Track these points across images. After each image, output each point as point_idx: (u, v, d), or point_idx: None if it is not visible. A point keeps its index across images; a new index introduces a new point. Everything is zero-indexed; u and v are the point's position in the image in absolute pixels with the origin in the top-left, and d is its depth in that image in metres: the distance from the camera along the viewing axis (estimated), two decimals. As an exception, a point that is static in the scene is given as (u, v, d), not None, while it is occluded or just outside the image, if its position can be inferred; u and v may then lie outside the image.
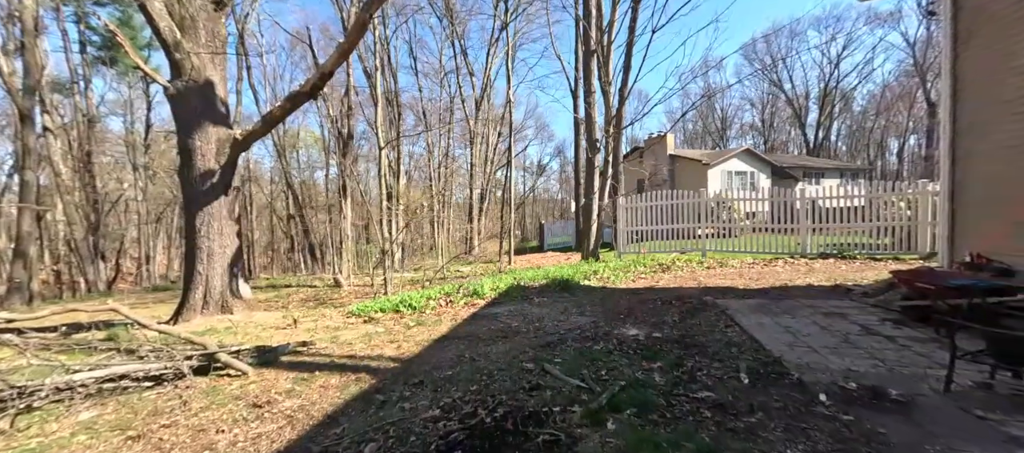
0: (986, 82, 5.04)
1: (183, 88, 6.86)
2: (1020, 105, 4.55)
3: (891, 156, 43.09)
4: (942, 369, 2.77)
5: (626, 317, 5.13)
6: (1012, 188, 4.65)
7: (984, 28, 5.07)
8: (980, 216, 5.17)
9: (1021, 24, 4.52)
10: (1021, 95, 4.53)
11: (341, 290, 11.81)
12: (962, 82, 5.34)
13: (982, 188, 5.14)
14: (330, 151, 27.59)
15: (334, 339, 5.19)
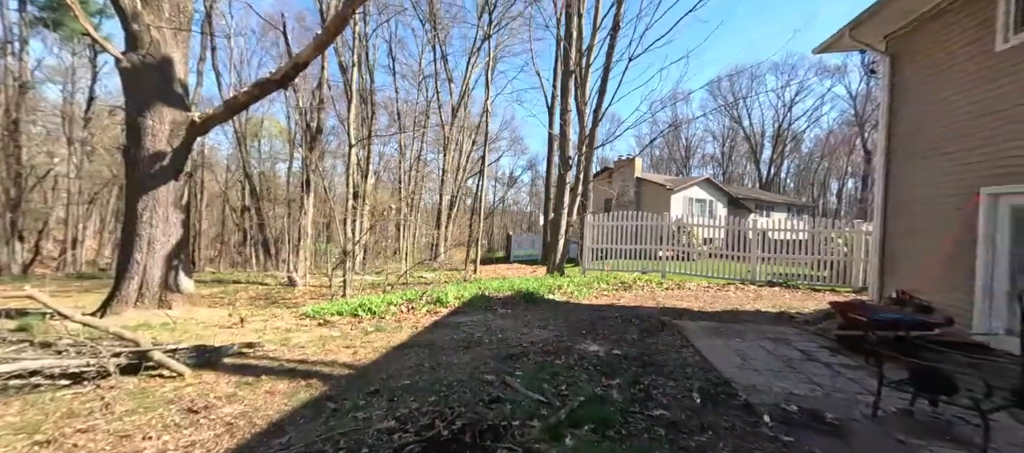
0: (911, 146, 5.64)
1: (139, 62, 6.37)
2: (928, 172, 5.12)
3: (832, 196, 47.05)
4: (871, 395, 3.00)
5: (588, 333, 5.21)
6: (928, 237, 5.20)
7: (907, 104, 5.70)
8: (904, 257, 5.73)
9: (932, 107, 5.12)
10: (929, 164, 5.10)
11: (295, 290, 11.23)
12: (895, 141, 5.95)
13: (905, 234, 5.70)
14: (296, 144, 26.44)
15: (284, 341, 4.90)
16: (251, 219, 25.00)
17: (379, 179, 30.91)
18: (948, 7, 5.06)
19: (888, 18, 5.67)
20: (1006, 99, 4.34)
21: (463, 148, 26.45)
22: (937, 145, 5.19)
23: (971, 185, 4.64)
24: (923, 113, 5.44)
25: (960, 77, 4.89)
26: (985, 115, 4.57)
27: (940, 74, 5.19)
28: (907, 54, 5.77)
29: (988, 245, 4.48)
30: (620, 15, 12.52)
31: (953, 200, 4.88)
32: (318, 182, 17.96)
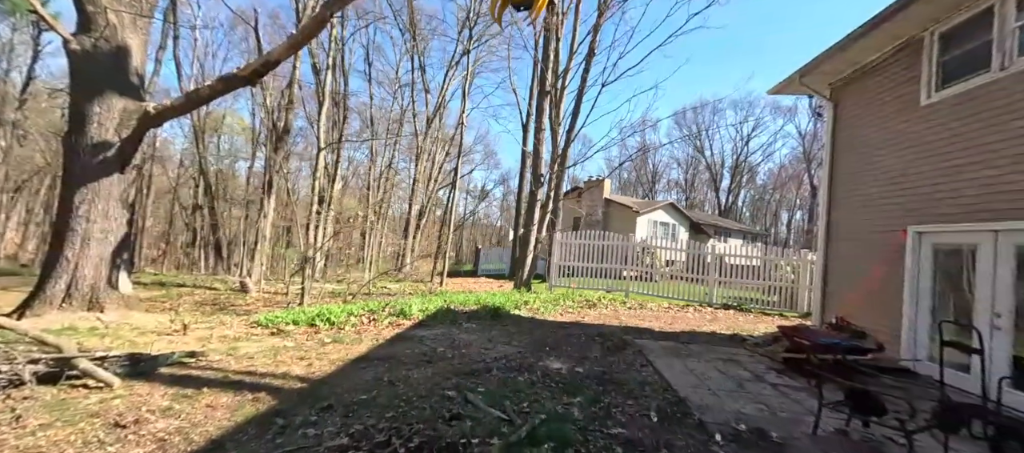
0: (849, 184, 6.17)
1: (90, 46, 5.94)
2: (864, 209, 5.63)
3: (783, 226, 50.37)
4: (812, 415, 3.19)
5: (552, 350, 5.24)
6: (864, 268, 5.67)
7: (847, 146, 6.27)
8: (843, 286, 6.19)
9: (867, 150, 5.67)
10: (864, 201, 5.62)
11: (247, 296, 10.60)
12: (836, 179, 6.48)
13: (845, 265, 6.18)
14: (259, 142, 25.32)
15: (231, 351, 4.60)
16: (203, 219, 23.49)
17: (347, 185, 30.06)
18: (882, 63, 5.65)
19: (832, 68, 6.24)
20: (928, 149, 4.87)
21: (436, 159, 26.27)
22: (870, 184, 5.71)
23: (899, 223, 5.12)
24: (860, 155, 5.98)
25: (891, 125, 5.44)
26: (911, 161, 5.08)
27: (875, 121, 5.75)
28: (848, 101, 6.36)
29: (913, 278, 4.93)
30: (595, 43, 13.04)
31: (884, 235, 5.35)
32: (281, 184, 17.21)
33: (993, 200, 4.11)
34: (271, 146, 18.60)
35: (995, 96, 4.19)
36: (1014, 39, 4.11)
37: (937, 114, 4.80)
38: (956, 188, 4.50)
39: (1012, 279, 3.95)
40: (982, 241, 4.22)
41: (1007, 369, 3.88)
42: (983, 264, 4.19)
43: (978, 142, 4.31)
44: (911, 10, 4.74)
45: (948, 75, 4.77)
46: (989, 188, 4.17)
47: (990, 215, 4.12)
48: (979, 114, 4.33)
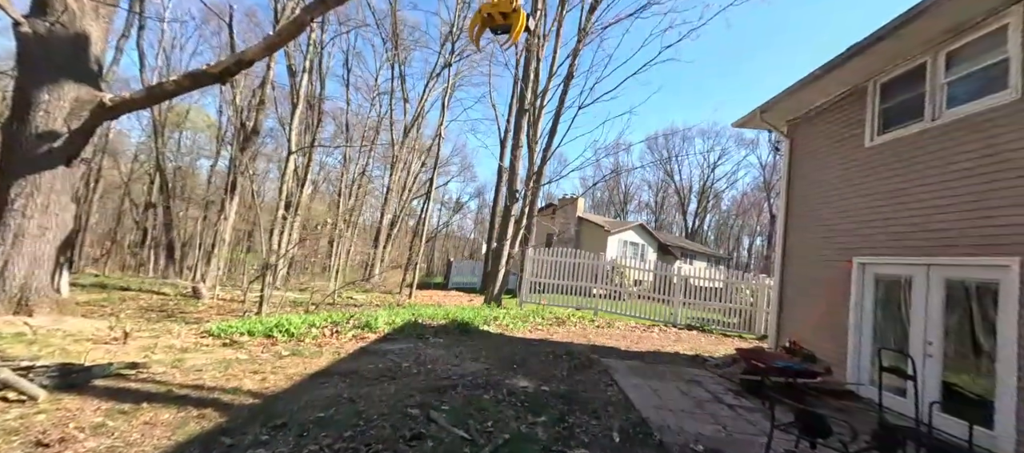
0: (803, 215, 6.60)
1: (45, 31, 5.55)
2: (815, 238, 6.04)
3: (744, 250, 52.87)
4: (765, 436, 3.31)
5: (519, 367, 5.21)
6: (814, 294, 6.03)
7: (801, 179, 6.73)
8: (797, 311, 6.54)
9: (819, 184, 6.12)
10: (816, 232, 6.03)
11: (200, 302, 9.98)
12: (791, 209, 6.91)
13: (798, 291, 6.55)
14: (225, 141, 24.23)
15: (178, 363, 4.30)
16: (156, 217, 22.08)
17: (317, 189, 29.14)
18: (833, 106, 6.13)
19: (789, 106, 6.72)
20: (871, 186, 5.29)
21: (412, 168, 25.98)
22: (821, 216, 6.13)
23: (846, 253, 5.50)
24: (813, 188, 6.42)
25: (839, 163, 5.88)
26: (856, 196, 5.50)
27: (826, 158, 6.20)
28: (803, 138, 6.84)
29: (858, 306, 5.28)
30: (574, 66, 13.47)
31: (833, 264, 5.73)
32: (246, 185, 16.49)
33: (926, 237, 4.50)
34: (238, 145, 17.83)
35: (927, 144, 4.63)
36: (943, 94, 4.57)
37: (879, 156, 5.23)
38: (894, 224, 4.89)
39: (942, 310, 4.31)
40: (916, 274, 4.59)
41: (938, 395, 4.20)
42: (917, 295, 4.55)
43: (913, 184, 4.73)
44: (855, 61, 5.20)
45: (888, 121, 5.23)
46: (922, 226, 4.56)
47: (923, 250, 4.50)
48: (914, 158, 4.76)
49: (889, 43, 4.78)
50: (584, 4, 13.51)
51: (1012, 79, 3.89)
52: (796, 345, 5.97)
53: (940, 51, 4.60)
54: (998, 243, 3.83)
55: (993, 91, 4.07)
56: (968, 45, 4.38)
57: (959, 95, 4.44)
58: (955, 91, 4.48)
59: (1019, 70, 3.84)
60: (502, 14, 2.53)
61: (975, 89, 4.29)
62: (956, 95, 4.47)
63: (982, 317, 4.02)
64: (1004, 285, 3.75)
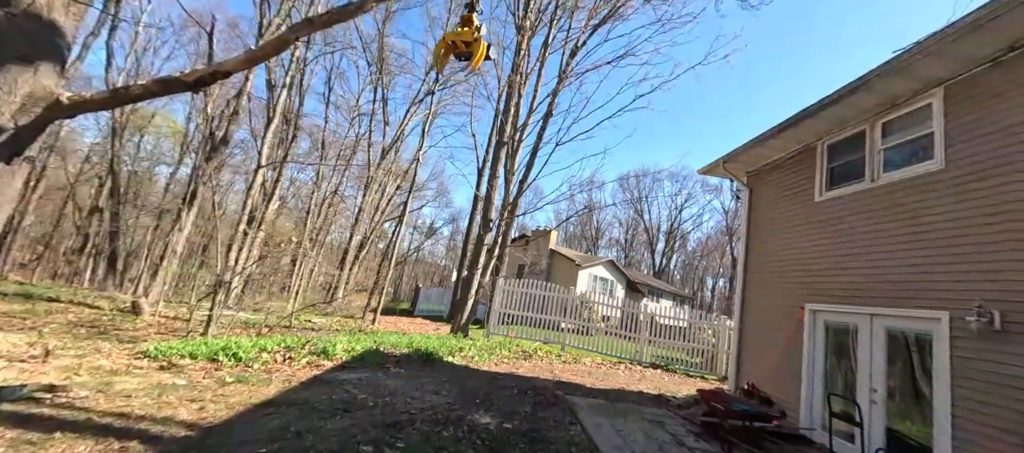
0: (760, 261, 6.95)
1: (4, 18, 5.23)
2: (771, 284, 6.36)
3: (708, 291, 54.71)
4: (722, 482, 3.31)
5: (482, 402, 5.04)
6: (770, 338, 6.26)
7: (759, 227, 7.15)
8: (755, 354, 6.75)
9: (774, 233, 6.53)
10: (772, 278, 6.36)
11: (139, 319, 9.19)
12: (750, 255, 7.26)
13: (756, 334, 6.79)
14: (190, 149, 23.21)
15: (104, 387, 3.89)
16: (101, 223, 20.51)
17: (284, 205, 28.11)
18: (787, 161, 6.62)
19: (748, 159, 7.19)
20: (820, 238, 5.67)
21: (387, 190, 25.66)
22: (777, 264, 6.47)
23: (800, 300, 5.79)
24: (769, 236, 6.80)
25: (794, 214, 6.29)
26: (807, 246, 5.87)
27: (782, 209, 6.62)
28: (761, 188, 7.30)
29: (809, 352, 5.52)
30: (554, 105, 13.98)
31: (789, 310, 6.00)
32: (207, 196, 15.69)
33: (869, 288, 4.82)
34: (203, 155, 17.10)
35: (868, 202, 5.05)
36: (881, 158, 5.05)
37: (827, 210, 5.65)
38: (841, 274, 5.22)
39: (885, 359, 4.57)
40: (861, 323, 4.88)
41: (882, 441, 4.37)
42: (862, 344, 4.82)
43: (856, 238, 5.10)
44: (805, 123, 5.69)
45: (835, 179, 5.69)
46: (865, 278, 4.89)
47: (866, 301, 4.81)
48: (857, 215, 5.16)
49: (833, 110, 5.28)
50: (565, 49, 14.23)
51: (937, 152, 4.36)
52: (754, 388, 6.12)
53: (877, 121, 5.11)
54: (930, 297, 4.15)
55: (922, 160, 4.54)
56: (900, 118, 4.90)
57: (894, 160, 4.91)
58: (891, 156, 4.96)
59: (942, 143, 4.32)
60: (465, 43, 2.70)
61: (907, 156, 4.77)
62: (892, 160, 4.94)
63: (921, 366, 4.29)
64: (937, 336, 4.04)
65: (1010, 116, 3.80)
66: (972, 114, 4.12)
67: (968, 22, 3.72)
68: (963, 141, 4.14)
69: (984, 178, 3.90)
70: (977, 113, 4.07)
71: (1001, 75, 3.94)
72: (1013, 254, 3.58)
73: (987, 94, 4.02)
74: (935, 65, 4.24)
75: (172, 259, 12.81)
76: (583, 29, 13.96)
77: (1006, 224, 3.66)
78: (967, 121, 4.15)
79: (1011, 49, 3.83)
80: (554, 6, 14.45)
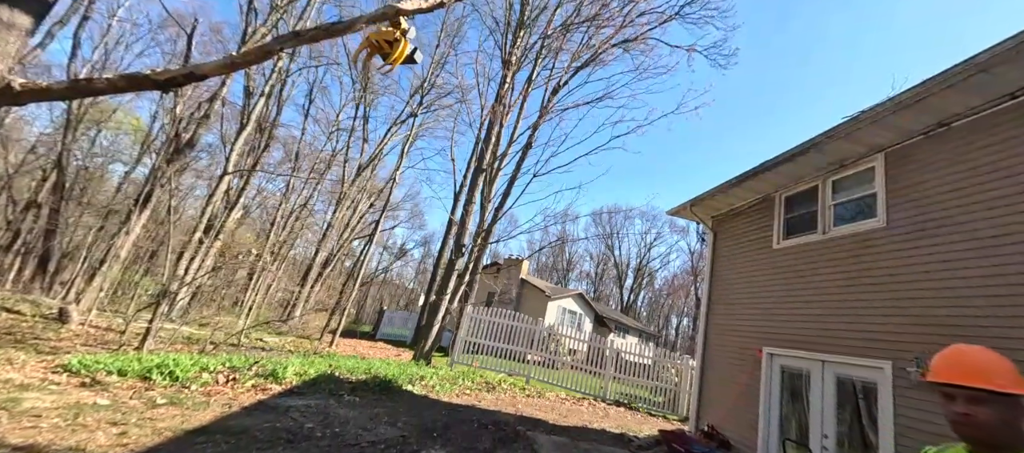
0: (722, 303, 7.18)
1: None
2: (731, 327, 6.56)
3: (673, 329, 55.77)
4: (679, 530, 3.24)
5: (439, 436, 4.80)
6: (730, 380, 6.38)
7: (721, 270, 7.44)
8: (715, 395, 6.83)
9: (735, 276, 6.81)
10: (732, 321, 6.57)
11: (65, 328, 8.32)
12: (713, 297, 7.49)
13: (717, 375, 6.90)
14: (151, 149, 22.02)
15: (10, 404, 3.44)
16: (36, 219, 18.85)
17: (247, 214, 26.87)
18: (749, 208, 6.98)
19: (714, 204, 7.54)
20: (777, 283, 5.93)
21: (359, 208, 25.10)
22: (738, 307, 6.68)
23: (758, 343, 5.96)
24: (732, 278, 7.06)
25: (754, 259, 6.58)
26: (766, 291, 6.11)
27: (743, 253, 6.91)
28: (725, 232, 7.63)
29: (766, 395, 5.64)
30: (534, 138, 14.35)
31: (747, 353, 6.16)
32: (163, 199, 14.80)
33: (820, 334, 5.03)
34: (165, 156, 16.23)
35: (820, 253, 5.36)
36: (831, 213, 5.41)
37: (784, 258, 5.94)
38: (795, 320, 5.45)
39: (835, 405, 4.72)
40: (813, 368, 5.06)
41: (832, 488, 4.45)
42: (814, 389, 4.98)
43: (809, 286, 5.37)
44: (764, 175, 6.06)
45: (791, 229, 6.03)
46: (817, 324, 5.12)
47: (817, 347, 5.01)
48: (810, 264, 5.45)
49: (788, 166, 5.66)
50: (548, 86, 14.78)
51: (879, 211, 4.72)
52: (713, 430, 6.16)
53: (828, 178, 5.52)
54: (875, 346, 4.37)
55: (866, 217, 4.90)
56: (848, 177, 5.30)
57: (843, 215, 5.27)
58: (840, 211, 5.33)
59: (884, 203, 4.69)
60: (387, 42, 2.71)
61: (854, 213, 5.14)
62: (841, 214, 5.31)
63: (868, 414, 4.46)
64: (881, 385, 4.23)
65: (941, 184, 4.19)
66: (909, 179, 4.52)
67: (902, 99, 4.15)
68: (902, 202, 4.52)
69: (920, 238, 4.24)
70: (914, 178, 4.47)
71: (933, 146, 4.37)
72: (947, 309, 3.85)
73: (922, 162, 4.44)
74: (877, 133, 4.66)
75: (114, 263, 11.84)
76: (566, 69, 14.59)
77: (940, 281, 3.96)
78: (905, 185, 4.54)
79: (940, 125, 4.28)
80: (540, 46, 15.09)
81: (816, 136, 5.06)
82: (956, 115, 4.13)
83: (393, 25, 2.71)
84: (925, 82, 3.96)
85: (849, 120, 4.66)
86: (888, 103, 4.28)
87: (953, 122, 4.18)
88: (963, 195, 3.98)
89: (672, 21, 13.97)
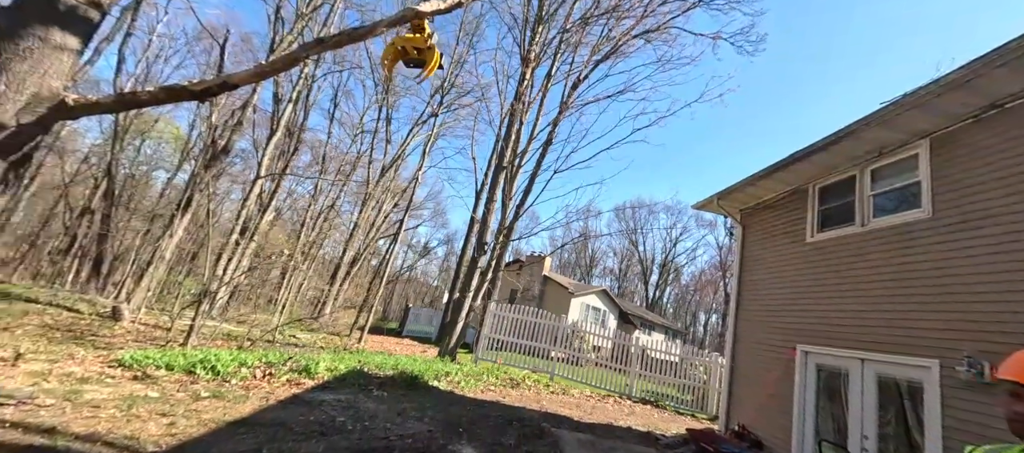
0: (753, 299, 6.94)
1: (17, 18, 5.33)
2: (763, 323, 6.33)
3: (701, 326, 54.28)
4: (709, 530, 3.18)
5: (465, 432, 4.88)
6: (763, 378, 6.17)
7: (751, 265, 7.18)
8: (746, 394, 6.63)
9: (766, 272, 6.56)
10: (764, 317, 6.34)
11: (118, 325, 8.93)
12: (743, 293, 7.25)
13: (748, 373, 6.69)
14: (190, 156, 23.26)
15: (72, 395, 3.74)
16: (90, 225, 20.25)
17: (279, 216, 27.98)
18: (779, 201, 6.71)
19: (742, 197, 7.29)
20: (811, 279, 5.68)
21: (384, 208, 25.68)
22: (769, 303, 6.45)
23: (791, 340, 5.74)
24: (762, 274, 6.82)
25: (786, 253, 6.32)
26: (799, 287, 5.87)
27: (774, 247, 6.66)
28: (754, 226, 7.37)
29: (801, 394, 5.43)
30: (554, 134, 14.25)
31: (780, 350, 5.94)
32: (202, 204, 15.61)
33: (859, 332, 4.80)
34: (202, 162, 17.11)
35: (858, 246, 5.10)
36: (870, 204, 5.13)
37: (818, 252, 5.69)
38: (832, 317, 5.21)
39: (876, 406, 4.50)
40: (852, 367, 4.83)
41: (873, 492, 4.25)
42: (854, 389, 4.75)
43: (846, 281, 5.12)
44: (797, 166, 5.80)
45: (826, 221, 5.76)
46: (856, 320, 4.88)
47: (857, 345, 4.78)
48: (847, 258, 5.20)
49: (822, 156, 5.40)
50: (568, 81, 14.63)
51: (924, 200, 4.45)
52: (744, 430, 5.99)
53: (866, 167, 5.24)
54: (919, 344, 4.13)
55: (910, 207, 4.62)
56: (888, 165, 5.02)
57: (884, 205, 5.00)
58: (881, 202, 5.05)
59: (929, 192, 4.41)
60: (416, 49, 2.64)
61: (896, 203, 4.86)
62: (882, 205, 5.03)
63: (913, 414, 4.23)
64: (928, 385, 4.00)
65: (993, 170, 3.90)
66: (957, 166, 4.23)
67: (951, 79, 3.88)
68: (949, 191, 4.24)
69: (969, 229, 3.97)
70: (962, 165, 4.19)
71: (983, 130, 4.08)
72: (1000, 304, 3.60)
73: (972, 147, 4.15)
74: (920, 118, 4.38)
75: (159, 265, 12.60)
76: (585, 63, 14.41)
77: (992, 274, 3.70)
78: (952, 172, 4.26)
79: (991, 107, 3.98)
80: (559, 41, 14.95)
81: (852, 123, 4.81)
82: (1011, 95, 3.84)
83: (417, 30, 2.73)
84: (975, 61, 3.70)
85: (890, 104, 4.41)
86: (933, 85, 4.02)
87: (1007, 103, 3.88)
88: (1018, 181, 3.70)
89: (696, 8, 13.54)
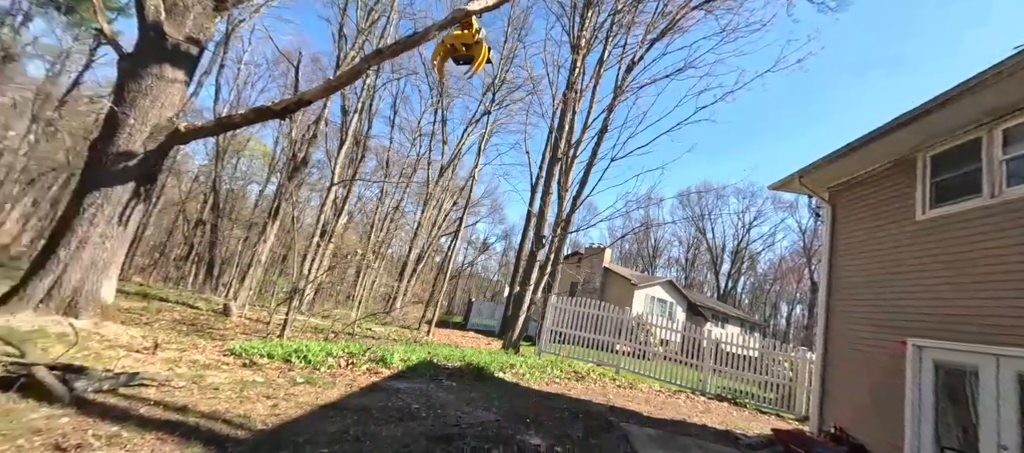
0: (848, 288, 6.14)
1: (141, 59, 6.38)
2: (863, 315, 5.57)
3: (782, 318, 49.46)
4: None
5: (531, 422, 4.95)
6: (864, 377, 5.46)
7: (844, 250, 6.35)
8: (843, 393, 5.93)
9: (865, 257, 5.74)
10: (864, 307, 5.58)
11: (228, 319, 10.32)
12: (835, 281, 6.44)
13: (844, 370, 5.97)
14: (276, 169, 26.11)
15: (197, 379, 4.40)
16: (203, 234, 23.55)
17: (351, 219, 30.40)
18: (878, 175, 5.86)
19: (830, 173, 6.48)
20: (923, 262, 4.90)
21: (443, 206, 26.76)
22: (869, 291, 5.68)
23: (899, 334, 5.00)
24: (859, 258, 6.02)
25: (888, 235, 5.52)
26: (908, 272, 5.09)
27: (873, 229, 5.84)
28: (846, 205, 6.52)
29: (914, 395, 4.73)
30: (609, 121, 13.77)
31: (884, 345, 5.22)
32: (288, 211, 17.46)
33: (990, 323, 4.05)
34: (286, 174, 19.11)
35: (987, 221, 4.29)
36: (1002, 170, 4.29)
37: (932, 231, 4.89)
38: (953, 306, 4.46)
39: (1017, 409, 3.78)
40: (983, 365, 4.10)
41: (1017, 512, 3.59)
42: (986, 389, 4.04)
43: (973, 263, 4.34)
44: (899, 133, 5.01)
45: (941, 195, 4.92)
46: (986, 309, 4.13)
47: (988, 338, 4.04)
48: (973, 236, 4.40)
49: (932, 118, 4.60)
50: (621, 65, 14.04)
51: (1083, 160, 3.62)
52: (842, 433, 5.37)
53: (995, 127, 4.38)
54: (1081, 339, 3.39)
55: (1061, 172, 3.79)
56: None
57: (1020, 172, 4.15)
58: (1016, 167, 4.20)
59: (1090, 151, 3.58)
60: (464, 45, 2.63)
61: (1040, 168, 4.01)
62: (1017, 171, 4.18)
63: (1068, 424, 3.49)
64: (1093, 389, 3.27)
65: None
66: None
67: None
68: (1120, 149, 3.40)
69: None
70: None
71: None
72: None
73: None
74: (1075, 60, 3.56)
75: (257, 267, 14.34)
76: (640, 44, 13.72)
77: None
78: (1125, 124, 3.41)
79: None
80: (610, 23, 14.40)
81: (980, 73, 4.04)
82: None
83: (464, 26, 2.79)
84: None
85: None
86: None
87: None
88: None
89: (765, -32, 12.22)
